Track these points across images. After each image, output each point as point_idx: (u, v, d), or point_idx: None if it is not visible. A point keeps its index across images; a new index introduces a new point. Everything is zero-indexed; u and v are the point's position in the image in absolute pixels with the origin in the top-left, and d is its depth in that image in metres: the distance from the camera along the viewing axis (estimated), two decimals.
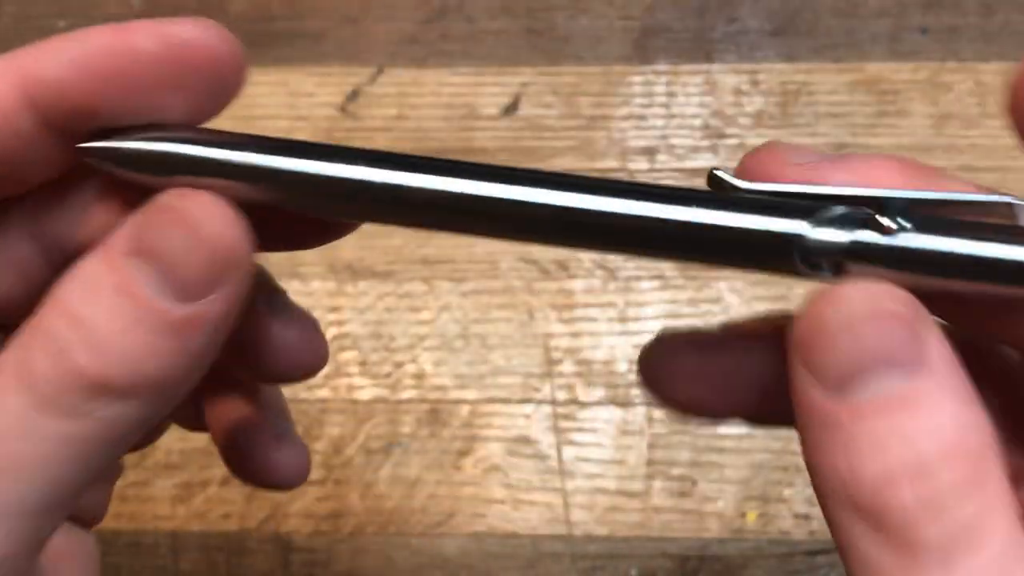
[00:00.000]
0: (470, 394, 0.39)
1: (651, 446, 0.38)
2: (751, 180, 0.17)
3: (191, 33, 0.16)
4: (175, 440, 0.37)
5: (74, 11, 0.44)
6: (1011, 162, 0.41)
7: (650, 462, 0.38)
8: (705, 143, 0.42)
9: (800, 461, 0.16)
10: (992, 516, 0.15)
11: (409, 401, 0.39)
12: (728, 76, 0.42)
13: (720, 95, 0.42)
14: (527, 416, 0.38)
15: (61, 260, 0.17)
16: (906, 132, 0.41)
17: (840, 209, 0.16)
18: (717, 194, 0.16)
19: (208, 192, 0.16)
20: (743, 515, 0.37)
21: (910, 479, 0.15)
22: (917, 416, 0.15)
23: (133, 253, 0.16)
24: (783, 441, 0.37)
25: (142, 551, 0.37)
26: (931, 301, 0.16)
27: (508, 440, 0.38)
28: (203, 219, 0.16)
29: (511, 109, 0.42)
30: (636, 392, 0.38)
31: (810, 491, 0.36)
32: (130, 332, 0.16)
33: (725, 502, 0.37)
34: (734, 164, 0.45)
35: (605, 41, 0.43)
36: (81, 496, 0.17)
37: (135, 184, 0.17)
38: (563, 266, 0.40)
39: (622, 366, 0.39)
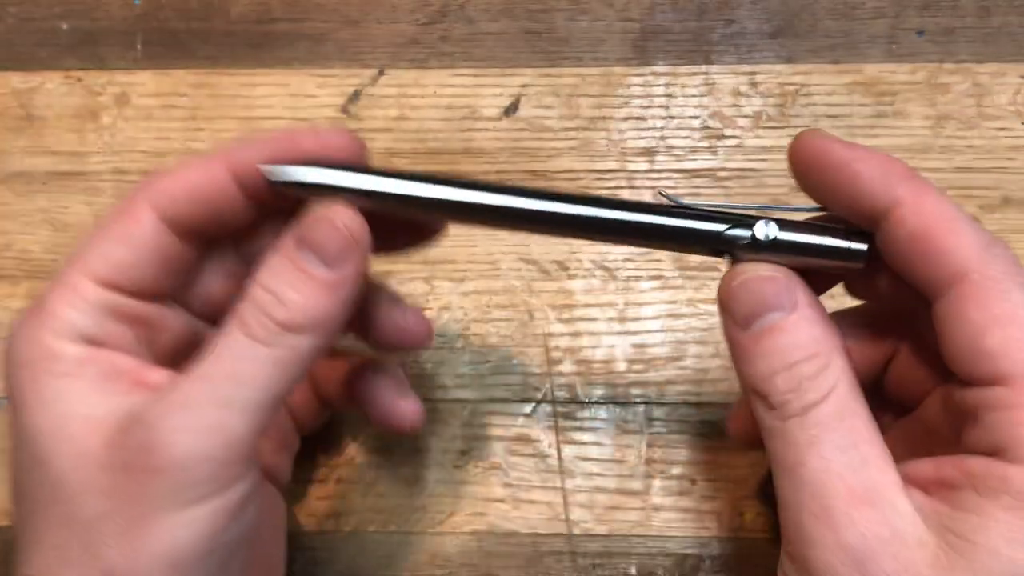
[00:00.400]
0: (470, 394, 0.39)
1: (650, 445, 0.38)
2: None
3: (335, 136, 0.28)
4: None
5: (77, 13, 0.44)
6: (1008, 162, 0.41)
7: (649, 461, 0.38)
8: (704, 144, 0.42)
9: None
10: (833, 390, 0.25)
11: None
12: (727, 77, 0.43)
13: (719, 96, 0.42)
14: (527, 416, 0.38)
15: (251, 265, 0.27)
16: (904, 133, 0.41)
17: (739, 219, 0.27)
18: (668, 206, 0.27)
19: (341, 203, 0.27)
20: (742, 514, 0.37)
21: (783, 372, 0.25)
22: (788, 336, 0.25)
23: (298, 244, 0.26)
24: None
25: None
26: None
27: (508, 440, 0.38)
28: (338, 218, 0.27)
29: (511, 110, 0.43)
30: (636, 392, 0.39)
31: None
32: (302, 292, 0.26)
33: (724, 501, 0.37)
34: (732, 164, 0.45)
35: (605, 42, 0.43)
36: (281, 404, 0.26)
37: (296, 197, 0.28)
38: (563, 266, 0.40)
39: (622, 366, 0.39)
